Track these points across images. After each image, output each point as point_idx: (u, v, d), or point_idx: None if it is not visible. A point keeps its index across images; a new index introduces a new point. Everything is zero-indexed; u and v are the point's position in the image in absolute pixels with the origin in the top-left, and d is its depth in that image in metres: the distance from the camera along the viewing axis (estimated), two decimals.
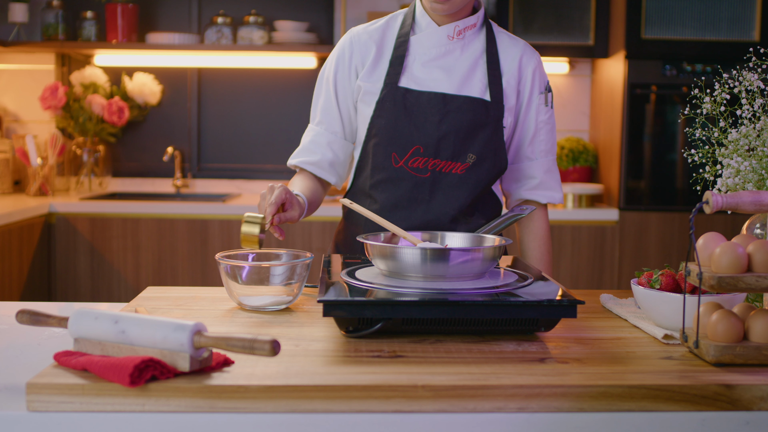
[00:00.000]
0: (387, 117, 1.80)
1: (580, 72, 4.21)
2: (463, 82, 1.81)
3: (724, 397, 1.11)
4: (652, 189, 3.73)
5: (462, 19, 1.83)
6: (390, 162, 1.80)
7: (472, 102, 1.79)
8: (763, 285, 1.19)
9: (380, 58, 1.84)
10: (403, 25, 1.87)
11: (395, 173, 1.80)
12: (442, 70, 1.82)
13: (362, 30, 1.89)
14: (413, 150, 1.79)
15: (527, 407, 1.09)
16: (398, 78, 1.81)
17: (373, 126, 1.82)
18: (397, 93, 1.80)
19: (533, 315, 1.31)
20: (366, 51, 1.86)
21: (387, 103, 1.80)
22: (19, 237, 3.39)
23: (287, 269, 1.49)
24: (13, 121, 4.22)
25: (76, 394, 1.07)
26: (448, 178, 1.80)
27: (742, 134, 1.48)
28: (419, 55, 1.83)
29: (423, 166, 1.79)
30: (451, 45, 1.83)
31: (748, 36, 3.63)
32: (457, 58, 1.83)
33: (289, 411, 1.08)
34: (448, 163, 1.79)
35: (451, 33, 1.83)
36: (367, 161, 1.85)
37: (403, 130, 1.79)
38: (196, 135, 4.27)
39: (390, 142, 1.79)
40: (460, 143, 1.79)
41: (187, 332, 1.10)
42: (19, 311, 1.24)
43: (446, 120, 1.78)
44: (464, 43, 1.84)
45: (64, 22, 4.04)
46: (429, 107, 1.79)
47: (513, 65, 1.86)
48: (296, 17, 4.20)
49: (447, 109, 1.79)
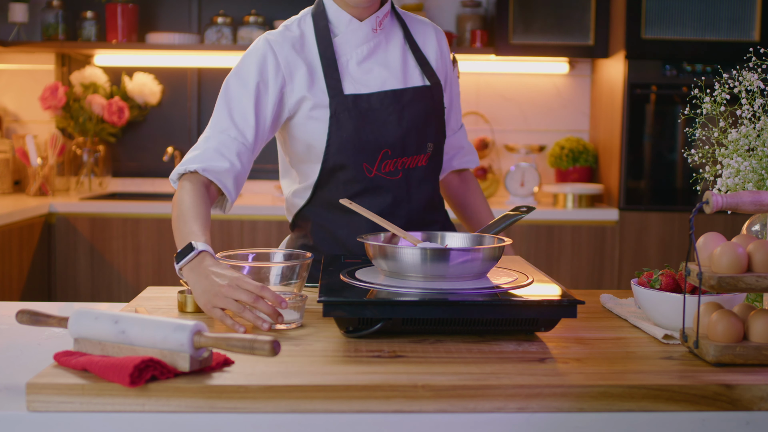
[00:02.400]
0: (346, 128, 1.70)
1: (580, 72, 4.21)
2: (403, 73, 1.79)
3: (724, 397, 1.11)
4: (652, 189, 3.73)
5: (379, 9, 1.78)
6: (363, 173, 1.74)
7: (419, 91, 1.78)
8: (763, 285, 1.19)
9: (312, 69, 1.72)
10: (317, 28, 1.75)
11: (371, 183, 1.75)
12: (380, 65, 1.77)
13: (280, 38, 1.74)
14: (382, 154, 1.74)
15: (527, 407, 1.09)
16: (340, 86, 1.71)
17: (334, 141, 1.71)
18: (347, 101, 1.71)
19: (533, 315, 1.31)
20: (292, 62, 1.72)
21: (341, 115, 1.70)
22: (19, 237, 3.39)
23: (287, 269, 1.49)
24: (13, 121, 4.22)
25: (76, 394, 1.07)
26: (416, 172, 1.79)
27: (742, 134, 1.48)
28: (351, 56, 1.75)
29: (394, 168, 1.76)
30: (376, 38, 1.77)
31: (748, 36, 3.63)
32: (385, 50, 1.79)
33: (289, 411, 1.08)
34: (413, 158, 1.78)
35: (374, 26, 1.76)
36: (330, 176, 1.75)
37: (368, 138, 1.72)
38: (196, 135, 4.27)
39: (357, 153, 1.72)
40: (421, 135, 1.78)
41: (187, 332, 1.10)
42: (19, 311, 1.24)
43: (404, 115, 1.75)
44: (386, 33, 1.79)
45: (64, 22, 4.04)
46: (383, 107, 1.73)
47: (432, 44, 1.85)
48: None
49: (401, 104, 1.75)
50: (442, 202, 1.92)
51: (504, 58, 3.93)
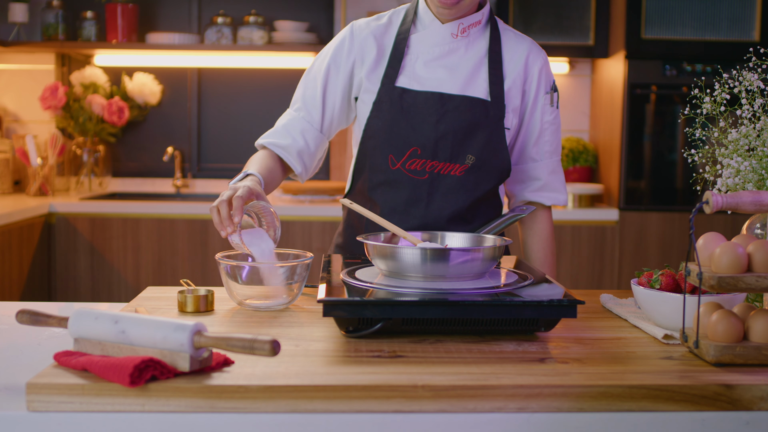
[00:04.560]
0: (383, 118, 1.76)
1: (580, 72, 4.21)
2: (466, 82, 1.77)
3: (724, 397, 1.11)
4: (652, 189, 3.73)
5: (467, 16, 1.78)
6: (387, 164, 1.77)
7: (470, 102, 1.76)
8: (763, 285, 1.19)
9: (381, 56, 1.80)
10: (404, 22, 1.82)
11: (392, 176, 1.77)
12: (445, 69, 1.78)
13: (364, 24, 1.84)
14: (410, 152, 1.75)
15: (527, 407, 1.09)
16: (396, 77, 1.77)
17: (370, 127, 1.78)
18: (394, 93, 1.76)
19: (533, 315, 1.31)
20: (367, 47, 1.80)
21: (383, 104, 1.76)
22: (19, 237, 3.39)
23: (287, 269, 1.49)
24: (13, 121, 4.22)
25: (76, 394, 1.07)
26: (447, 180, 1.76)
27: (742, 134, 1.48)
28: (422, 54, 1.79)
29: (420, 168, 1.75)
30: (455, 43, 1.79)
31: (748, 36, 3.63)
32: (461, 56, 1.79)
33: (289, 411, 1.08)
34: (446, 164, 1.75)
35: (455, 31, 1.78)
36: (364, 163, 1.81)
37: (400, 132, 1.75)
38: (196, 135, 4.27)
39: (386, 144, 1.76)
40: (459, 144, 1.75)
41: (187, 332, 1.10)
42: (19, 311, 1.24)
43: (444, 120, 1.74)
44: (469, 41, 1.79)
45: (64, 22, 4.04)
46: (426, 107, 1.75)
47: (519, 64, 1.81)
48: (296, 17, 4.20)
49: (445, 109, 1.75)
50: (478, 223, 1.82)
51: None
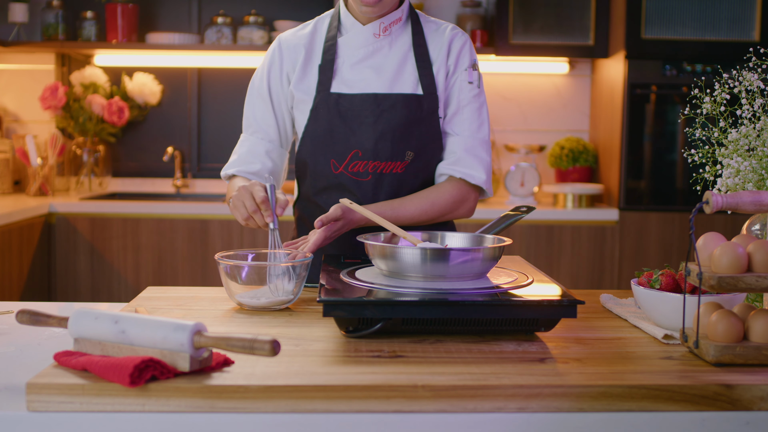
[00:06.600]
0: (322, 124, 1.79)
1: (580, 72, 4.21)
2: (394, 80, 1.80)
3: (724, 397, 1.11)
4: (652, 189, 3.73)
5: (387, 15, 1.81)
6: (329, 169, 1.80)
7: (404, 99, 1.78)
8: (763, 285, 1.19)
9: (309, 64, 1.83)
10: (329, 28, 1.85)
11: (336, 180, 1.80)
12: (372, 69, 1.81)
13: (291, 35, 1.88)
14: (352, 154, 1.78)
15: (527, 407, 1.09)
16: (329, 83, 1.80)
17: (308, 134, 1.81)
18: (330, 99, 1.79)
19: (533, 315, 1.31)
20: (295, 56, 1.85)
21: (320, 111, 1.79)
22: (19, 237, 3.39)
23: (287, 269, 1.49)
24: (13, 121, 4.22)
25: (76, 394, 1.07)
26: (389, 178, 1.79)
27: (742, 134, 1.48)
28: (348, 57, 1.82)
29: (363, 170, 1.78)
30: (378, 43, 1.82)
31: (748, 36, 3.63)
32: (386, 55, 1.82)
33: (289, 411, 1.08)
34: (387, 163, 1.78)
35: (377, 31, 1.81)
36: (305, 170, 1.85)
37: (339, 136, 1.78)
38: (196, 135, 4.27)
39: (328, 149, 1.79)
40: (398, 142, 1.78)
41: (187, 332, 1.10)
42: (19, 311, 1.24)
43: (381, 120, 1.77)
44: (392, 39, 1.82)
45: (64, 22, 4.04)
46: (362, 109, 1.77)
47: (443, 48, 1.83)
48: (296, 17, 4.20)
49: (380, 109, 1.78)
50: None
51: (504, 58, 3.93)
